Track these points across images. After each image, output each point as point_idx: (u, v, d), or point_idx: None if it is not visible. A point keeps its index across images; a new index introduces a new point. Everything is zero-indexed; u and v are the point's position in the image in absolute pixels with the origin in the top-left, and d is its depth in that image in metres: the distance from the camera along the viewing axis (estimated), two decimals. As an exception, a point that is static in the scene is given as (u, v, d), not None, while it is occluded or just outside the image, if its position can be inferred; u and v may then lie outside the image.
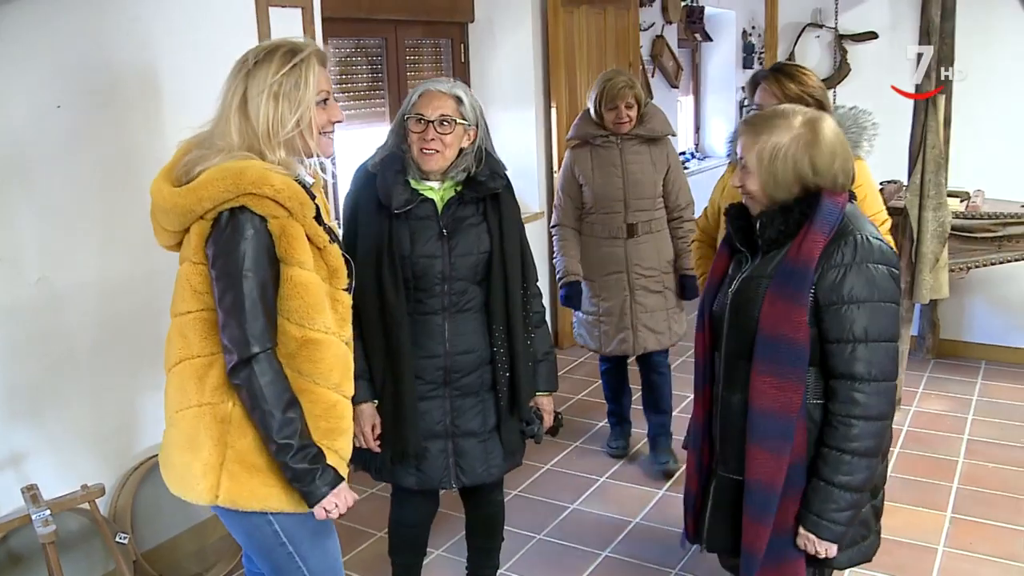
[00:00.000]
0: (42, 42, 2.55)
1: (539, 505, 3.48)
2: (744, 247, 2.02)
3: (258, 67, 1.73)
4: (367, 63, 4.41)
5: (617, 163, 3.56)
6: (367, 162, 2.31)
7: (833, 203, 1.87)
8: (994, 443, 3.90)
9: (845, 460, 1.84)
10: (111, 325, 2.79)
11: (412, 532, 2.58)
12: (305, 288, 1.72)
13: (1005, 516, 3.29)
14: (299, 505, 1.77)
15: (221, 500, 1.73)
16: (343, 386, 1.82)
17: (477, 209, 2.29)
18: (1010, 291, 4.80)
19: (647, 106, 3.60)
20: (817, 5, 5.12)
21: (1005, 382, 4.60)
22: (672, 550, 3.11)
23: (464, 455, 2.36)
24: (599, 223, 3.61)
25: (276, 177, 1.67)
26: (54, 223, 2.63)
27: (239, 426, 1.73)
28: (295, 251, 1.70)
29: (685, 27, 7.45)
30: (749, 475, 1.92)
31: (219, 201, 1.65)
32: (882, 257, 1.85)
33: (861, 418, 1.83)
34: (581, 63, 5.27)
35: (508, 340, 2.31)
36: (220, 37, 3.00)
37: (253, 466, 1.73)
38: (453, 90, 2.23)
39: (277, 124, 1.71)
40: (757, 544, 1.92)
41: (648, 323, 3.62)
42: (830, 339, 1.85)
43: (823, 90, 2.58)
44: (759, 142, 1.89)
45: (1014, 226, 4.03)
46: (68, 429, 2.71)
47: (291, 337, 1.73)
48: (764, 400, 1.88)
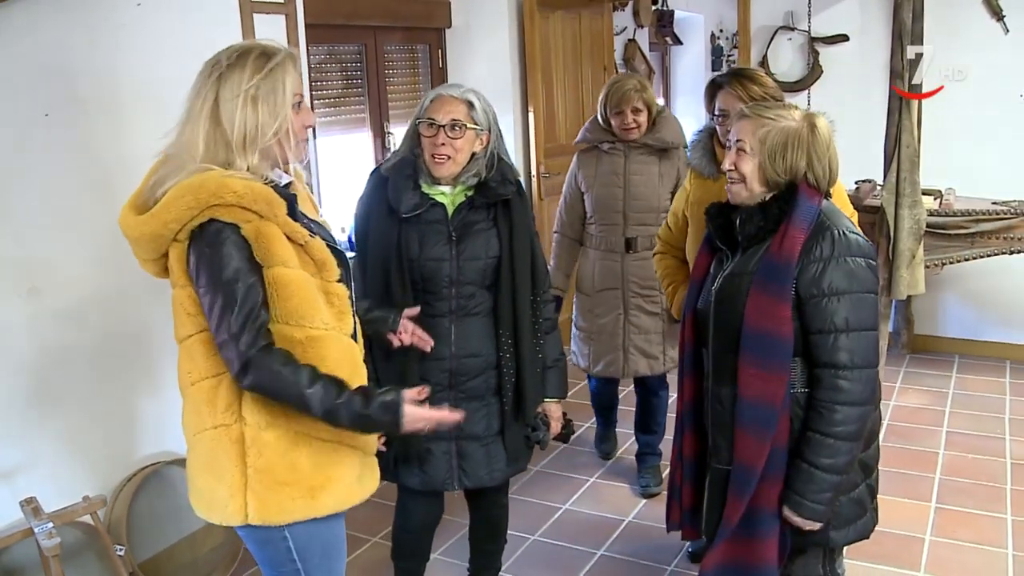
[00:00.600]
0: (29, 49, 2.52)
1: (532, 506, 3.50)
2: (724, 245, 2.08)
3: (231, 70, 1.66)
4: (346, 69, 4.41)
5: (620, 172, 3.37)
6: (381, 166, 2.32)
7: (809, 199, 1.94)
8: (972, 434, 4.00)
9: (828, 444, 1.92)
10: (103, 335, 2.76)
11: (416, 537, 2.59)
12: (293, 286, 1.67)
13: (986, 504, 3.38)
14: (322, 508, 1.77)
15: (252, 519, 1.72)
16: (354, 381, 1.77)
17: (488, 214, 2.30)
18: (981, 286, 4.93)
19: (660, 113, 3.40)
20: (789, 8, 5.21)
21: (979, 375, 4.72)
22: (667, 548, 3.14)
23: (467, 458, 2.37)
24: (597, 234, 3.45)
25: (235, 182, 1.62)
26: (44, 232, 2.60)
27: (253, 445, 1.71)
28: (274, 251, 1.65)
29: (656, 31, 7.53)
30: (735, 459, 2.00)
31: (185, 220, 1.62)
32: (859, 250, 1.93)
33: (845, 404, 1.90)
34: (557, 68, 5.31)
35: (515, 346, 2.32)
36: (205, 43, 2.95)
37: (276, 482, 1.72)
38: (465, 95, 2.24)
39: (255, 131, 1.66)
40: (731, 519, 2.01)
41: (641, 345, 3.43)
42: (813, 330, 1.92)
43: (780, 92, 2.65)
44: (764, 125, 1.96)
45: (986, 223, 4.14)
46: (61, 441, 2.68)
47: (293, 340, 1.69)
48: (751, 390, 1.95)
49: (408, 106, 4.72)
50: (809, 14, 5.10)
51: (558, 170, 5.02)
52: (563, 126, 5.32)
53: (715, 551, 2.04)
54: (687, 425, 2.23)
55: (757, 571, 2.01)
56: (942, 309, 5.05)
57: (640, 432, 3.65)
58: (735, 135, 2.01)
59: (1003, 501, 3.41)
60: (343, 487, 1.80)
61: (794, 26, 5.22)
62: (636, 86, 3.30)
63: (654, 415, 3.60)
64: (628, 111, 3.30)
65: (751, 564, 2.01)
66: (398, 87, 4.73)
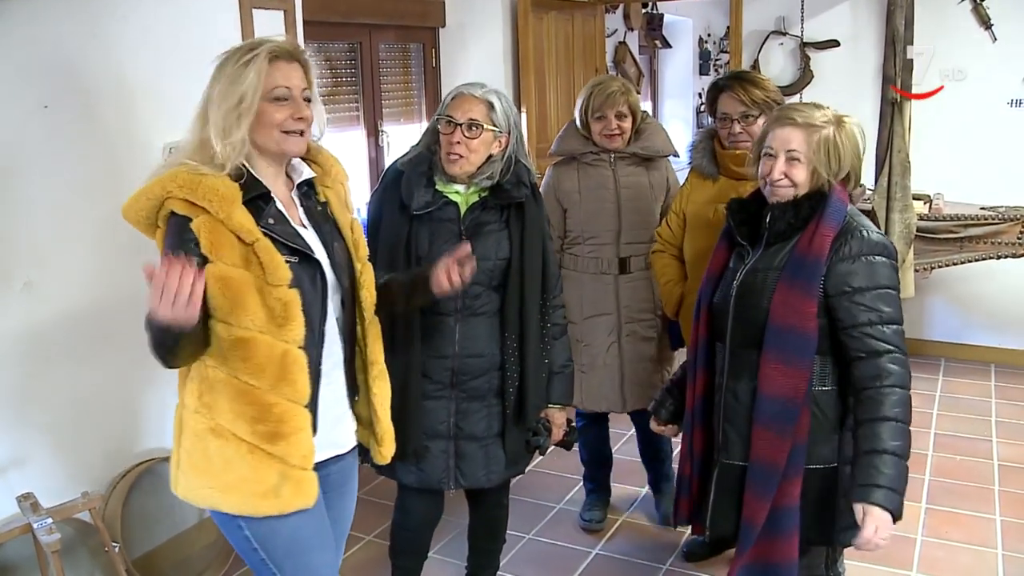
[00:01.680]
0: (28, 40, 2.49)
1: (525, 506, 3.50)
2: (745, 240, 2.10)
3: (217, 69, 1.73)
4: (341, 67, 4.40)
5: (610, 185, 3.02)
6: (398, 160, 2.32)
7: (840, 199, 1.98)
8: (960, 437, 4.04)
9: (892, 427, 1.89)
10: (99, 330, 2.73)
11: (414, 535, 2.58)
12: (225, 283, 1.66)
13: (975, 505, 3.42)
14: (230, 506, 1.77)
15: (179, 493, 1.83)
16: (281, 387, 1.71)
17: (500, 216, 2.29)
18: (966, 290, 4.98)
19: (645, 120, 3.09)
20: (781, 13, 5.25)
21: (964, 378, 4.77)
22: (662, 546, 3.16)
23: (465, 458, 2.36)
24: (585, 256, 3.06)
25: (184, 176, 1.68)
26: (41, 225, 2.57)
27: (185, 426, 1.79)
28: (215, 247, 1.66)
29: (645, 34, 7.56)
30: (753, 456, 2.01)
31: (148, 210, 1.70)
32: (883, 250, 1.98)
33: (897, 386, 1.92)
34: (550, 68, 5.32)
35: (520, 349, 2.31)
36: (205, 38, 2.97)
37: (192, 467, 1.79)
38: (487, 95, 2.23)
39: (220, 122, 1.68)
40: (756, 520, 2.01)
41: (639, 375, 3.08)
42: (846, 326, 1.94)
43: (781, 95, 2.69)
44: (811, 132, 1.98)
45: (975, 227, 4.19)
46: (55, 436, 2.65)
47: (220, 337, 1.70)
48: (772, 386, 1.97)
49: (401, 105, 4.72)
50: (802, 19, 5.14)
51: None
52: (555, 127, 5.32)
53: (742, 555, 2.04)
54: (698, 420, 2.23)
55: (781, 569, 2.02)
56: (928, 313, 5.10)
57: (648, 461, 3.35)
58: (775, 143, 2.02)
59: (992, 502, 3.45)
60: (251, 493, 1.75)
61: (786, 31, 5.26)
62: (621, 88, 2.98)
63: (659, 442, 3.26)
64: (612, 116, 2.96)
65: (774, 563, 2.01)
66: (392, 86, 4.72)
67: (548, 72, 5.30)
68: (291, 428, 1.74)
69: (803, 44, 5.20)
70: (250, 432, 1.72)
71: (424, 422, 2.32)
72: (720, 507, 2.12)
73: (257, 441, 1.72)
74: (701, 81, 8.22)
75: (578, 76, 5.57)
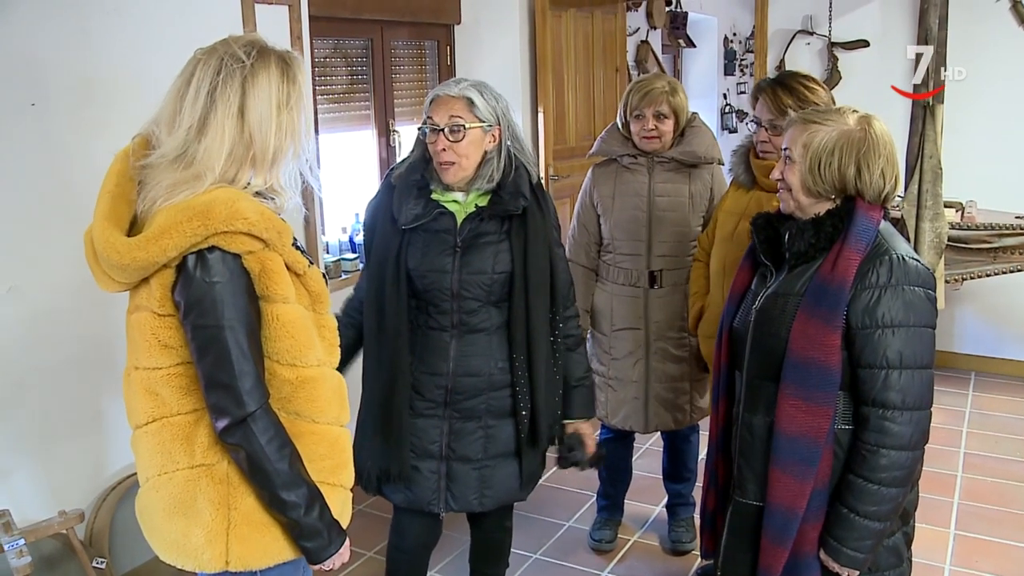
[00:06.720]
0: (14, 34, 2.39)
1: (534, 523, 3.37)
2: (768, 260, 1.92)
3: (257, 71, 1.50)
4: (351, 65, 4.28)
5: (643, 192, 2.85)
6: (393, 170, 2.19)
7: (868, 217, 1.79)
8: (991, 457, 3.85)
9: (871, 490, 1.76)
10: (86, 339, 2.63)
11: (410, 558, 2.44)
12: (293, 325, 1.53)
13: (1007, 533, 3.24)
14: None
15: (233, 566, 1.55)
16: (342, 417, 1.66)
17: (500, 227, 2.13)
18: (1000, 302, 4.79)
19: (691, 123, 2.88)
20: (808, 12, 5.09)
21: (997, 394, 4.58)
22: (673, 571, 3.02)
23: (456, 480, 2.23)
24: (616, 266, 2.92)
25: (247, 207, 1.46)
26: (26, 229, 2.47)
27: (240, 485, 1.55)
28: (276, 286, 1.50)
29: (669, 33, 7.39)
30: (771, 498, 1.85)
31: (186, 248, 1.43)
32: (919, 279, 1.76)
33: (891, 448, 1.74)
34: (568, 67, 5.18)
35: (529, 368, 2.15)
36: (205, 34, 2.83)
37: (261, 524, 1.56)
38: (464, 91, 2.09)
39: (281, 145, 1.52)
40: (774, 569, 1.86)
41: (664, 395, 2.93)
42: (862, 364, 1.76)
43: (827, 100, 2.40)
44: (808, 131, 1.81)
45: (1009, 237, 4.01)
46: (40, 449, 2.55)
47: (284, 380, 1.54)
48: (791, 424, 1.79)
49: (415, 104, 4.60)
50: (830, 18, 4.97)
51: (567, 172, 4.90)
52: (573, 128, 5.19)
53: None
54: (720, 451, 2.08)
55: None
56: (959, 325, 4.90)
57: (669, 481, 3.19)
58: (784, 142, 1.87)
59: (1025, 529, 3.27)
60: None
61: (813, 30, 5.09)
62: (665, 87, 2.80)
63: (685, 461, 3.13)
64: (649, 115, 2.80)
65: None
66: (405, 84, 4.61)
67: (567, 71, 5.16)
68: (348, 454, 1.69)
69: (831, 44, 5.03)
70: (316, 470, 1.59)
71: (414, 441, 2.19)
72: (732, 549, 1.97)
73: (324, 477, 1.61)
74: (726, 82, 8.04)
75: (598, 76, 5.42)
